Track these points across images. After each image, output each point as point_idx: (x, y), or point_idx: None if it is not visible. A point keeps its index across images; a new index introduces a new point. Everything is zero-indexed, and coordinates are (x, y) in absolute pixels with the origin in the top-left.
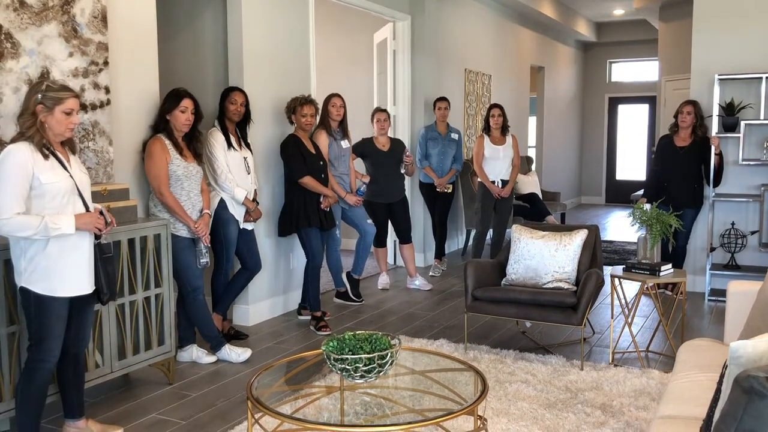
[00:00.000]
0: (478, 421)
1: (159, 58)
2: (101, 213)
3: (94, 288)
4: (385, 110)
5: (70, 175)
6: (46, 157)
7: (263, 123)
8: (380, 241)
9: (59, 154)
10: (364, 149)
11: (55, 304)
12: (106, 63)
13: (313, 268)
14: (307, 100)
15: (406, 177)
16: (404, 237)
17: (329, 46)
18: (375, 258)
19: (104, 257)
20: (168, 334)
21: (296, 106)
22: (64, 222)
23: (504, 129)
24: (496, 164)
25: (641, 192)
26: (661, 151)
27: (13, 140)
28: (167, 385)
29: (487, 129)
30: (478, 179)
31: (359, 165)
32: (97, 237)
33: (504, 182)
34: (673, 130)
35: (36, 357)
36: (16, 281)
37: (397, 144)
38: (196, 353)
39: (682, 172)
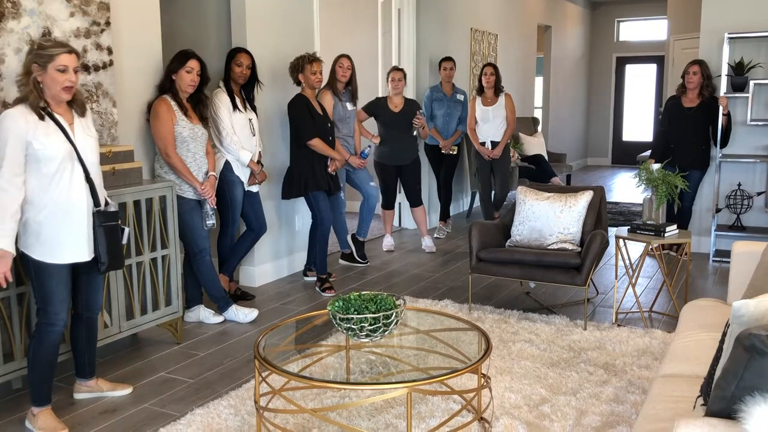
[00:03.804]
0: (482, 379)
1: (161, 18)
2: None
3: (92, 256)
4: (401, 69)
5: (70, 140)
6: (41, 117)
7: (266, 84)
8: (388, 203)
9: (59, 117)
10: (376, 109)
11: (52, 270)
12: (107, 23)
13: (322, 231)
14: (316, 58)
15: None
16: (414, 200)
17: (333, 4)
18: (381, 220)
19: (106, 225)
20: (175, 295)
21: (304, 64)
22: None
23: (497, 89)
24: (485, 126)
25: (648, 153)
26: (669, 112)
27: (14, 103)
28: (175, 345)
29: (480, 89)
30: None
31: (372, 125)
32: (96, 204)
33: (494, 143)
34: (680, 91)
35: (43, 320)
36: (18, 245)
37: (410, 105)
38: (203, 313)
39: (690, 132)
